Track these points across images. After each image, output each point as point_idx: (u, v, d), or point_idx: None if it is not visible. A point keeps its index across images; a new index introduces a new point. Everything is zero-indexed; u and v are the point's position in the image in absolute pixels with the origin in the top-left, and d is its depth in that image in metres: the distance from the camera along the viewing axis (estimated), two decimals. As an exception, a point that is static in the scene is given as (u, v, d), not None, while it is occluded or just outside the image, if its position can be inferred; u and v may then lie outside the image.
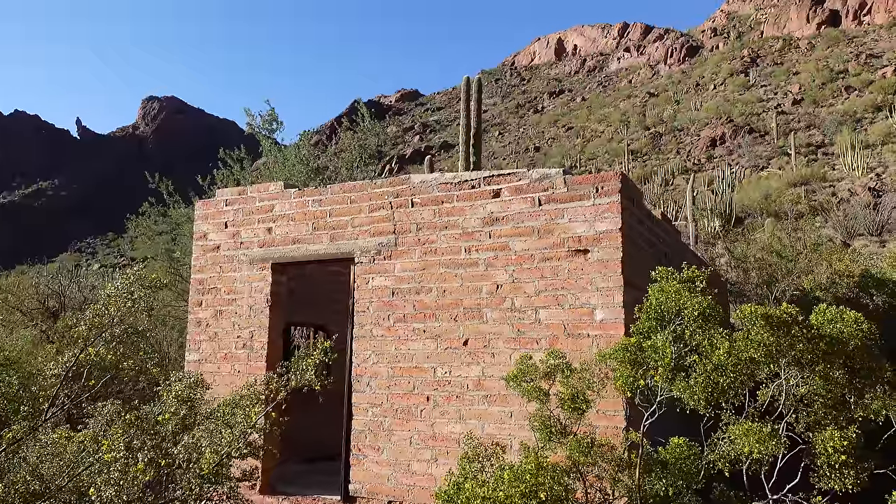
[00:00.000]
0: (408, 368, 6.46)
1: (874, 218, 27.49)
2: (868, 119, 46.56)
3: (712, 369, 3.57)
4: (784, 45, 74.08)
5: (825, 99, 52.93)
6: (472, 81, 17.32)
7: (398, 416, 6.41)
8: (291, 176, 15.31)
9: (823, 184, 35.29)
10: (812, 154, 41.65)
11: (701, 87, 68.91)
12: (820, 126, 47.10)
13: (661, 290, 3.93)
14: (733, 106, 55.69)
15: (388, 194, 6.87)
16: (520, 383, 4.32)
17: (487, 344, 6.13)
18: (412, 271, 6.59)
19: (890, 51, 61.06)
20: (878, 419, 3.76)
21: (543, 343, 5.83)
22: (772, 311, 3.67)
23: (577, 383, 4.18)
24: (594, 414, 4.69)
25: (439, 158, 62.54)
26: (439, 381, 6.28)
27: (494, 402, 5.96)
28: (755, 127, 49.44)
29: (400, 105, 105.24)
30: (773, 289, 12.56)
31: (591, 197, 5.91)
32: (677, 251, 8.08)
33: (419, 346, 6.44)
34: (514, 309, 6.06)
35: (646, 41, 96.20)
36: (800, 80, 58.78)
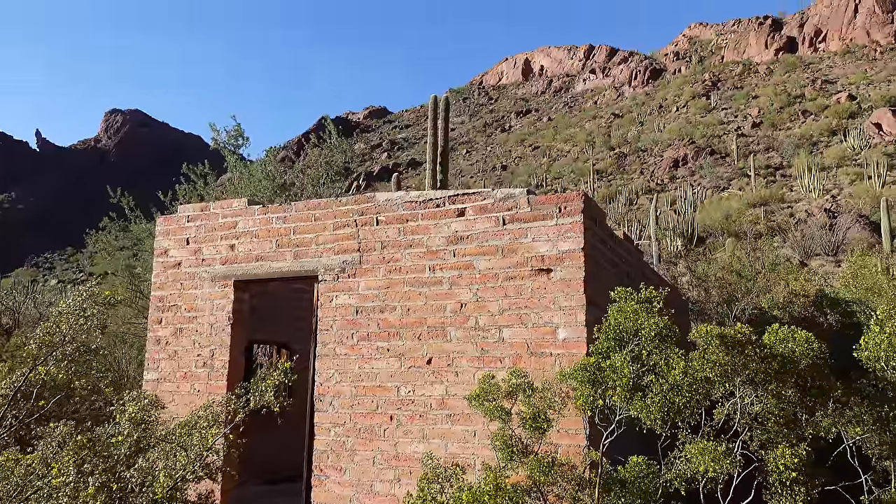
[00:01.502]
0: (371, 387, 6.41)
1: (830, 238, 28.29)
2: (824, 143, 48.03)
3: (668, 389, 3.63)
4: (744, 69, 76.21)
5: (783, 122, 54.50)
6: (440, 100, 17.44)
7: (361, 435, 6.35)
8: (257, 192, 15.17)
9: (782, 205, 36.25)
10: (771, 176, 42.75)
11: (664, 109, 70.40)
12: (778, 149, 48.43)
13: (619, 311, 3.98)
14: (695, 128, 56.99)
15: (352, 212, 6.86)
16: (482, 402, 4.33)
17: (451, 363, 6.12)
18: (376, 289, 6.57)
19: (844, 77, 63.25)
20: (828, 436, 3.85)
21: (507, 362, 5.85)
22: (727, 331, 3.75)
23: (538, 402, 4.20)
24: (556, 433, 4.71)
25: (407, 176, 62.69)
26: (403, 401, 6.25)
27: (458, 421, 5.95)
28: (716, 149, 50.60)
29: (368, 122, 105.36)
30: (733, 307, 12.81)
31: (554, 217, 5.98)
32: (639, 270, 8.20)
33: (383, 364, 6.40)
34: (477, 327, 6.07)
35: (611, 63, 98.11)
36: (759, 104, 60.45)
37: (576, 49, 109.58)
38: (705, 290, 13.80)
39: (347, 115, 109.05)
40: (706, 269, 13.82)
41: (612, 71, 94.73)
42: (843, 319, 8.56)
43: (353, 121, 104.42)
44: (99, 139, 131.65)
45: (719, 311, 13.15)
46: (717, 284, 13.35)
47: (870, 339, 3.97)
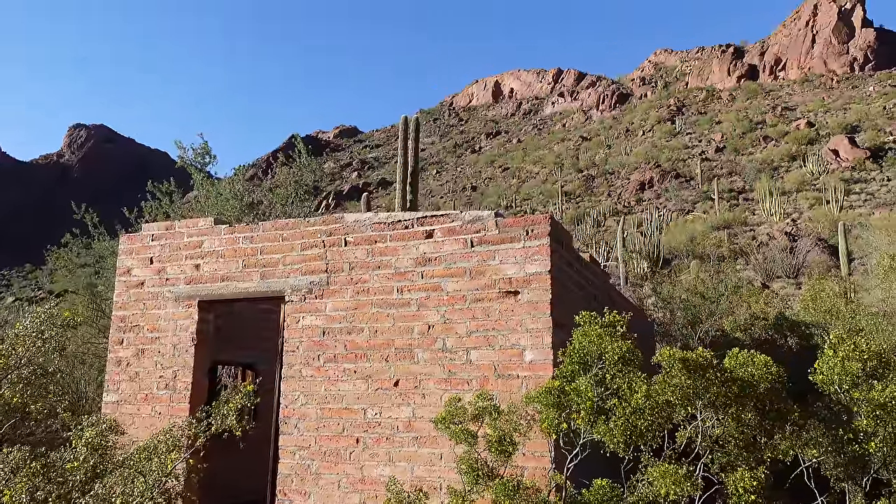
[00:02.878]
0: (337, 410, 6.35)
1: (790, 261, 28.98)
2: (784, 168, 49.37)
3: (631, 413, 3.67)
4: (707, 95, 78.13)
5: (745, 147, 55.89)
6: (411, 120, 17.53)
7: (326, 458, 6.28)
8: (224, 211, 15.01)
9: (744, 228, 37.09)
10: (734, 199, 43.75)
11: (631, 132, 71.70)
12: (741, 173, 49.61)
13: (583, 334, 4.03)
14: (661, 152, 58.11)
15: (320, 232, 6.83)
16: (448, 425, 4.32)
17: (418, 385, 6.10)
18: (344, 311, 6.54)
19: (803, 105, 65.23)
20: (786, 459, 3.93)
21: (474, 384, 5.85)
22: (688, 355, 3.81)
23: (504, 425, 4.21)
24: (522, 456, 4.72)
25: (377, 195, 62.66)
26: (369, 423, 6.20)
27: (425, 443, 5.92)
28: (681, 172, 51.64)
29: (338, 141, 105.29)
30: (697, 329, 13.00)
31: (521, 239, 6.03)
32: (605, 293, 8.29)
33: (350, 386, 6.35)
34: (445, 349, 6.07)
35: (579, 87, 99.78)
36: (722, 129, 61.94)
37: (545, 72, 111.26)
38: (671, 312, 14.00)
39: (318, 134, 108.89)
40: (671, 291, 14.04)
41: (581, 95, 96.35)
42: (802, 342, 8.76)
43: (324, 140, 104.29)
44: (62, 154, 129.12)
45: (684, 332, 13.34)
46: (681, 306, 13.55)
47: (824, 363, 4.08)
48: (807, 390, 4.41)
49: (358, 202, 22.94)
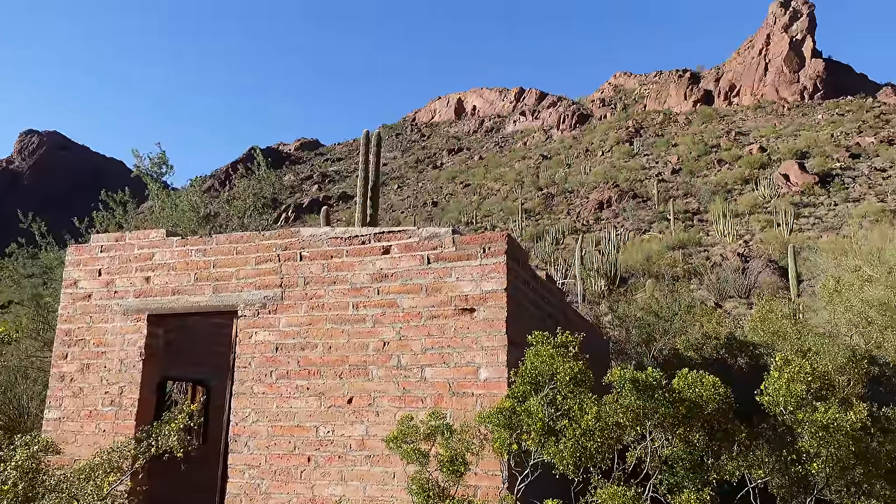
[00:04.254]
0: (289, 427, 6.23)
1: (742, 282, 29.71)
2: (737, 190, 50.74)
3: (581, 434, 3.68)
4: (664, 118, 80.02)
5: (700, 170, 57.31)
6: (372, 135, 17.51)
7: (277, 477, 6.14)
8: (180, 222, 14.72)
9: (699, 248, 37.92)
10: (689, 220, 44.73)
11: (590, 152, 72.92)
12: (696, 195, 50.81)
13: (536, 354, 4.04)
14: (619, 172, 59.18)
15: (276, 246, 6.74)
16: (400, 445, 4.27)
17: (372, 402, 6.03)
18: (298, 326, 6.44)
19: (755, 130, 67.28)
20: (732, 479, 3.99)
21: (428, 402, 5.80)
22: (638, 375, 3.85)
23: (456, 445, 4.18)
24: (474, 475, 4.69)
25: (337, 209, 62.31)
26: (322, 441, 6.09)
27: (377, 462, 5.84)
28: (639, 192, 52.65)
29: (299, 154, 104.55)
30: (652, 348, 13.19)
31: (478, 257, 6.04)
32: (561, 311, 8.35)
33: (302, 403, 6.24)
34: (400, 366, 6.02)
35: (540, 107, 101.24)
36: (678, 152, 63.44)
37: (507, 91, 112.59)
38: (626, 331, 14.18)
39: (279, 146, 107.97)
40: (627, 310, 14.23)
41: (542, 114, 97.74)
42: (751, 362, 8.96)
43: (285, 152, 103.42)
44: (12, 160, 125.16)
45: (639, 350, 13.51)
46: (636, 325, 13.74)
47: (770, 384, 4.16)
48: (754, 411, 4.50)
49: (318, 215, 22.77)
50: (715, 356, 9.58)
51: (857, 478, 3.99)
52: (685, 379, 4.01)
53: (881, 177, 50.13)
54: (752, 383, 5.38)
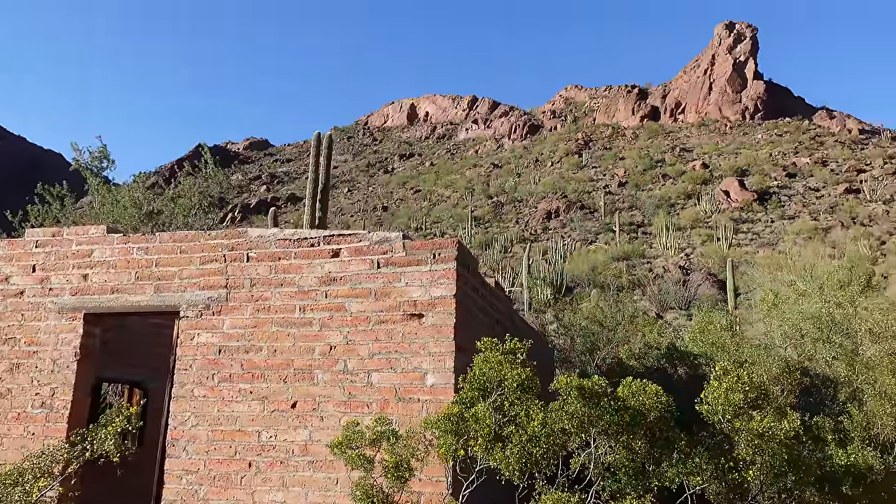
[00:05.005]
0: (230, 432, 6.09)
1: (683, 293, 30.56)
2: (680, 205, 52.23)
3: (527, 440, 3.71)
4: (612, 132, 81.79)
5: (645, 184, 58.76)
6: (324, 137, 17.36)
7: (216, 483, 5.99)
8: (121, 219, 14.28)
9: (642, 260, 38.85)
10: (633, 232, 45.78)
11: (540, 163, 73.91)
12: (640, 207, 52.07)
13: (484, 361, 4.05)
14: (567, 183, 60.17)
15: (222, 247, 6.59)
16: (344, 450, 4.22)
17: (317, 407, 5.94)
18: (242, 328, 6.30)
19: (699, 147, 69.39)
20: (672, 486, 4.08)
21: (374, 407, 5.75)
22: (584, 383, 3.91)
23: (402, 451, 4.15)
24: (419, 482, 4.66)
25: (286, 210, 61.43)
26: (264, 446, 5.97)
27: (321, 468, 5.75)
28: (586, 204, 53.62)
29: (248, 153, 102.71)
30: (595, 356, 13.42)
31: (428, 262, 6.03)
32: (509, 318, 8.41)
33: (244, 408, 6.11)
34: (346, 371, 5.95)
35: (492, 116, 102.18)
36: (625, 165, 64.92)
37: (460, 99, 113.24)
38: (571, 339, 14.38)
39: (227, 145, 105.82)
40: (572, 319, 14.45)
41: (494, 123, 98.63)
42: (690, 372, 9.21)
43: (233, 151, 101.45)
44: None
45: (583, 359, 13.72)
46: (581, 333, 13.95)
47: (709, 393, 4.28)
48: (694, 419, 4.62)
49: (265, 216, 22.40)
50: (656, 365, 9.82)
51: (789, 485, 4.14)
52: (629, 387, 4.09)
53: (815, 196, 52.37)
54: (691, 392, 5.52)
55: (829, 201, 50.64)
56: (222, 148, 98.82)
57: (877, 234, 42.27)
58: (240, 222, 58.44)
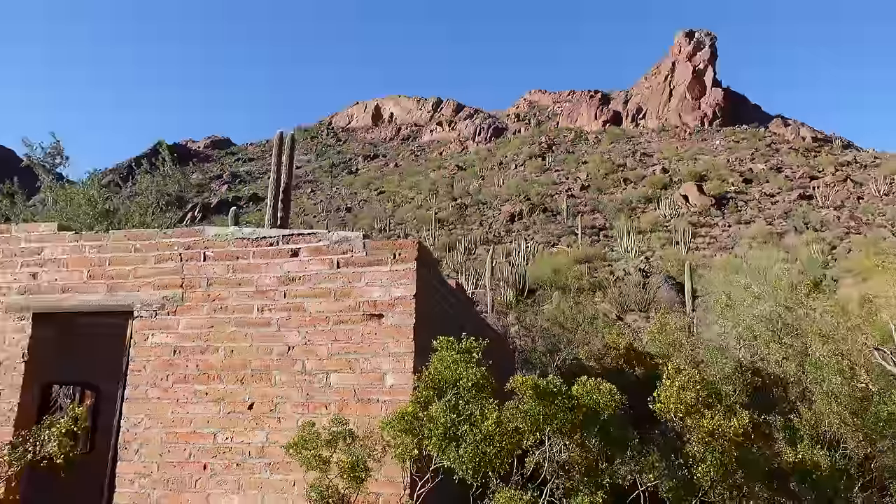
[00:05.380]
0: (185, 434, 5.98)
1: (643, 296, 31.03)
2: (641, 209, 53.03)
3: (481, 439, 3.73)
4: (575, 136, 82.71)
5: (607, 188, 59.52)
6: (286, 136, 17.18)
7: (169, 487, 5.87)
8: (76, 217, 13.91)
9: (603, 263, 39.32)
10: (595, 235, 46.33)
11: (504, 165, 74.30)
12: (602, 211, 52.73)
13: (440, 360, 4.06)
14: (531, 186, 60.60)
15: (178, 245, 6.47)
16: (300, 451, 4.17)
17: (274, 408, 5.88)
18: (198, 329, 6.20)
19: (659, 152, 70.60)
20: (624, 483, 4.15)
21: (333, 408, 5.71)
22: (540, 382, 3.94)
23: (358, 451, 4.13)
24: (376, 482, 4.64)
25: (247, 210, 60.60)
26: (219, 448, 5.88)
27: (277, 470, 5.69)
28: (549, 207, 54.06)
29: (209, 152, 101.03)
30: (556, 357, 13.53)
31: (388, 263, 6.01)
32: (470, 319, 8.44)
33: (200, 409, 6.01)
34: (304, 372, 5.90)
35: (457, 118, 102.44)
36: (587, 169, 65.65)
37: (425, 101, 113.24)
38: (532, 340, 14.49)
39: (187, 143, 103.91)
40: (533, 320, 14.56)
41: (458, 125, 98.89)
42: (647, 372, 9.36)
43: (194, 149, 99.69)
44: None
45: (543, 360, 13.83)
46: (542, 335, 14.07)
47: (662, 392, 4.36)
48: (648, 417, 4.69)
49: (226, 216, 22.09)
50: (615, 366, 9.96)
51: (738, 481, 4.24)
52: (584, 386, 4.14)
53: (770, 201, 53.73)
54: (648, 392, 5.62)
55: (784, 207, 52.02)
56: (182, 146, 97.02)
57: (828, 238, 43.56)
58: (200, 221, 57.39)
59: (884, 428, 5.80)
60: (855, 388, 6.55)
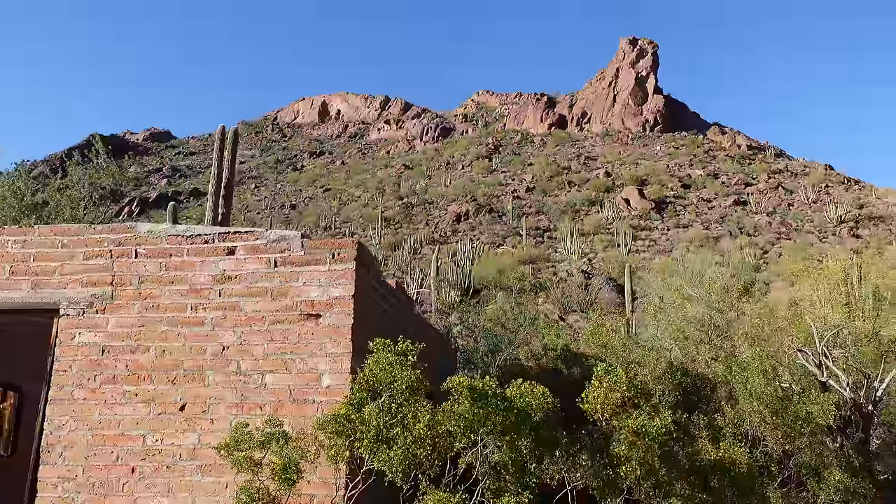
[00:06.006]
0: (113, 436, 5.80)
1: (585, 297, 31.63)
2: (584, 211, 54.09)
3: (412, 441, 3.75)
4: (522, 138, 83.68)
5: (552, 190, 60.45)
6: (228, 131, 16.86)
7: (95, 491, 5.69)
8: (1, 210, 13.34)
9: (547, 264, 39.92)
10: (539, 237, 46.99)
11: (451, 165, 74.59)
12: (547, 213, 53.53)
13: (375, 362, 4.06)
14: (477, 186, 61.03)
15: (108, 241, 6.27)
16: (231, 452, 4.11)
17: (207, 409, 5.76)
18: (129, 328, 6.03)
19: (602, 156, 72.10)
20: (553, 483, 4.24)
21: (268, 409, 5.64)
22: (476, 384, 3.99)
23: (291, 453, 4.09)
24: (308, 484, 4.61)
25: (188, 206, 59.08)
26: (149, 451, 5.73)
27: (209, 472, 5.58)
28: (495, 207, 54.55)
29: (148, 144, 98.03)
30: (497, 358, 13.67)
31: (326, 262, 5.97)
32: (410, 320, 8.44)
33: (129, 410, 5.84)
34: (239, 372, 5.81)
35: (405, 117, 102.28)
36: (533, 171, 66.53)
37: (372, 98, 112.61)
38: (474, 341, 14.59)
39: (125, 135, 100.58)
40: (475, 321, 14.67)
41: (406, 124, 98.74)
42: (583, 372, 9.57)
43: (131, 141, 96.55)
44: None
45: (485, 360, 13.95)
46: (484, 335, 14.18)
47: (590, 393, 4.47)
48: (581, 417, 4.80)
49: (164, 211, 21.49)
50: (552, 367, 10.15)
51: (661, 479, 4.38)
52: (518, 388, 4.21)
53: (707, 206, 55.57)
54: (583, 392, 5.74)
55: (720, 212, 53.87)
56: (120, 138, 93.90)
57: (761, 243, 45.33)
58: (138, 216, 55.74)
59: (802, 426, 6.09)
60: (777, 388, 6.85)
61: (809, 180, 63.57)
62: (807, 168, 69.65)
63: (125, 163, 61.15)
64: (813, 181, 63.21)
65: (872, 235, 47.94)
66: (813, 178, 64.20)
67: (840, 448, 8.50)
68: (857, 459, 6.85)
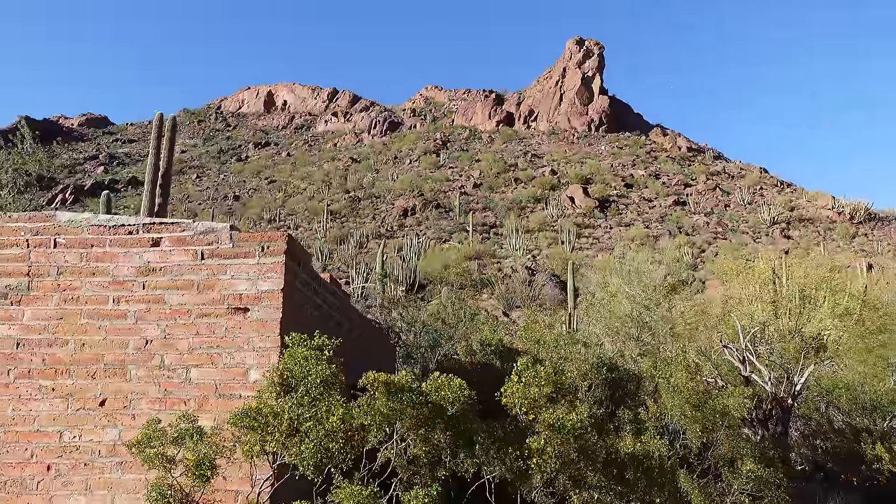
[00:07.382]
0: (27, 433, 5.61)
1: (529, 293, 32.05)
2: (530, 208, 54.74)
3: (324, 435, 3.75)
4: (470, 134, 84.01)
5: (499, 187, 60.95)
6: (167, 119, 16.46)
7: (7, 490, 5.49)
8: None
9: (493, 260, 40.25)
10: (486, 233, 47.33)
11: (399, 160, 74.37)
12: (493, 209, 53.94)
13: (290, 356, 4.04)
14: (425, 181, 61.04)
15: (25, 230, 6.04)
16: (143, 449, 4.02)
17: (129, 404, 5.62)
18: (46, 320, 5.82)
19: (549, 154, 73.03)
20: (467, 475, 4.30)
21: (192, 404, 5.54)
22: (391, 379, 4.01)
23: (205, 448, 4.03)
24: (224, 480, 4.55)
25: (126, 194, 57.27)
26: (66, 447, 5.56)
27: (130, 469, 5.44)
28: (442, 203, 54.68)
29: (83, 130, 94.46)
30: (437, 353, 13.72)
31: (256, 255, 5.89)
32: (345, 315, 8.39)
33: (45, 406, 5.65)
34: (163, 367, 5.68)
35: (353, 109, 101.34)
36: (480, 167, 66.91)
37: (320, 90, 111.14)
38: (415, 335, 14.61)
39: (59, 119, 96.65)
40: (416, 316, 14.70)
41: (354, 117, 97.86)
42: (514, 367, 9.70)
43: (65, 126, 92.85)
44: None
45: (425, 355, 13.99)
46: (424, 330, 14.22)
47: (509, 388, 4.55)
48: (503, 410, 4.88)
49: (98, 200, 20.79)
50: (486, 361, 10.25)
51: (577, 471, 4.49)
52: (434, 382, 4.25)
53: (648, 206, 56.96)
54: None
55: (660, 211, 55.30)
56: (53, 122, 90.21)
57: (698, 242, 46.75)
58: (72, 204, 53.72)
59: (719, 419, 6.33)
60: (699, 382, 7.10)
61: (745, 182, 65.89)
62: (743, 171, 72.10)
63: (56, 148, 58.72)
64: (748, 183, 65.53)
65: (802, 236, 50.05)
66: (748, 181, 66.55)
67: (761, 440, 8.87)
68: (775, 451, 7.15)
